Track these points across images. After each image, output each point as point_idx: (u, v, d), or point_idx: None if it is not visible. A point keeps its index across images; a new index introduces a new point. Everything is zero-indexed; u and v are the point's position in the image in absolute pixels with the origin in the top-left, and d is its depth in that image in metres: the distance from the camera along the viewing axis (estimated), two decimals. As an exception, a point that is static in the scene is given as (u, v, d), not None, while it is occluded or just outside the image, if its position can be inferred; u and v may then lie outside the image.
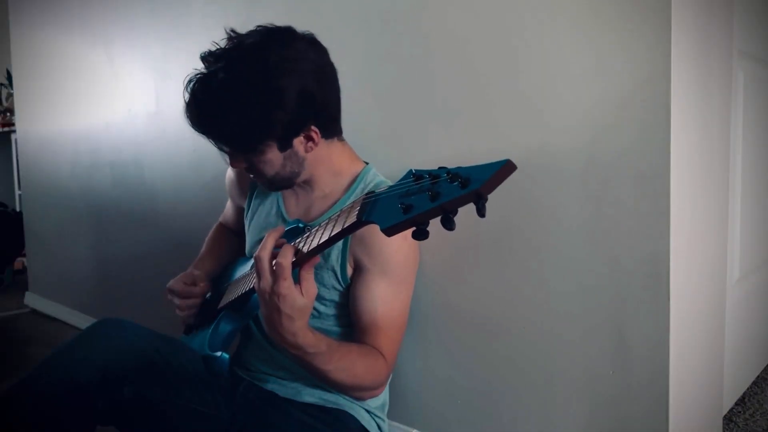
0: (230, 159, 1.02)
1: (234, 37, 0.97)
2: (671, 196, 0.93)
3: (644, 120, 0.94)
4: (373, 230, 0.64)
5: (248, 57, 0.93)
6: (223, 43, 0.97)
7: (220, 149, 1.00)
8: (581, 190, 1.02)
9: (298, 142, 0.99)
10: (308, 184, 1.08)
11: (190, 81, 0.95)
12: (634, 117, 0.95)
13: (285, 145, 0.98)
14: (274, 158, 0.99)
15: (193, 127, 0.97)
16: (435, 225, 0.60)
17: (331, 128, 1.04)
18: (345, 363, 0.91)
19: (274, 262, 0.78)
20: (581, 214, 1.02)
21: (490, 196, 0.56)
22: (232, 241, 1.30)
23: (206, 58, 0.96)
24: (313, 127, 0.98)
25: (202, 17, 1.72)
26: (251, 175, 1.06)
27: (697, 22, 1.01)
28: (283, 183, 1.06)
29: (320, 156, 1.04)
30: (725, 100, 1.18)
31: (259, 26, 0.98)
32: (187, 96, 0.95)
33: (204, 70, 0.95)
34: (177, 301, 1.13)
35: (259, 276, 0.80)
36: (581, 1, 0.99)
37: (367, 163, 1.11)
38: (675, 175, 0.93)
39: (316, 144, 1.00)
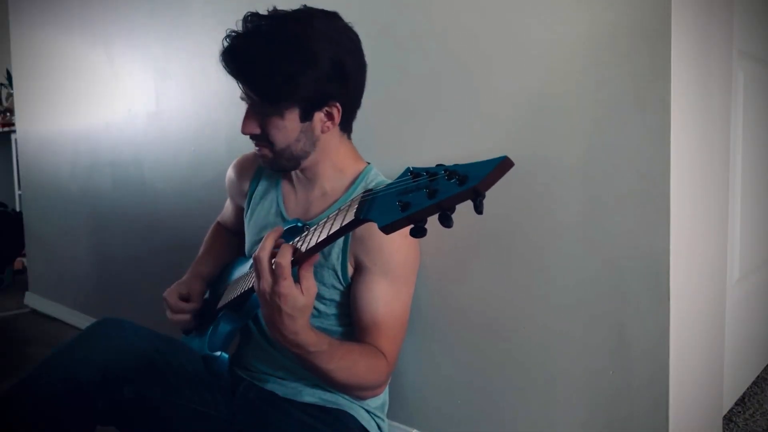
0: (245, 121, 1.01)
1: (278, 10, 0.99)
2: (671, 196, 0.93)
3: (644, 120, 0.94)
4: (373, 229, 0.64)
5: (294, 18, 0.96)
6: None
7: (247, 97, 1.00)
8: (581, 190, 1.02)
9: (318, 118, 1.00)
10: (309, 177, 1.08)
11: (232, 32, 0.97)
12: (634, 117, 0.95)
13: (306, 114, 0.99)
14: (291, 126, 0.99)
15: (226, 66, 0.97)
16: (435, 224, 0.60)
17: (348, 118, 1.05)
18: (346, 362, 0.91)
19: (273, 262, 0.78)
20: (581, 214, 1.02)
21: (491, 195, 0.56)
22: (230, 241, 1.30)
23: (250, 17, 0.98)
24: (336, 104, 1.00)
25: (202, 17, 1.72)
26: (257, 148, 1.04)
27: (697, 22, 1.01)
28: (288, 163, 1.05)
29: (330, 146, 1.05)
30: (725, 100, 1.18)
31: (305, 5, 1.01)
32: (227, 42, 0.97)
33: (249, 27, 0.97)
34: (168, 313, 1.14)
35: (259, 276, 0.80)
36: (581, 1, 0.99)
37: (368, 163, 1.11)
38: (675, 175, 0.93)
39: (334, 124, 1.02)
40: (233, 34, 0.97)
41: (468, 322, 1.18)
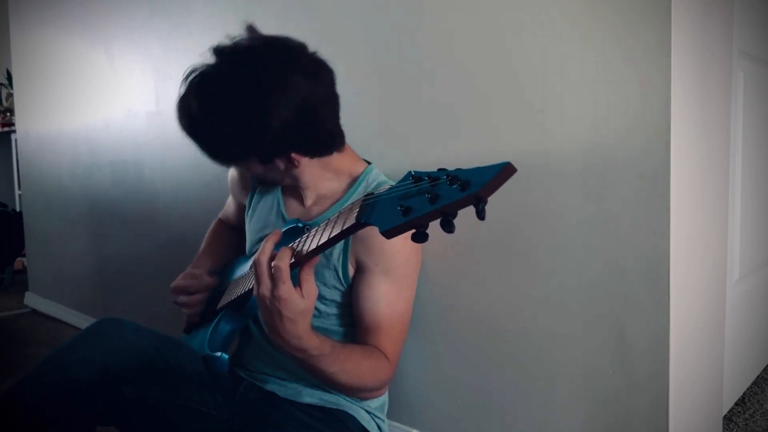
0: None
1: (243, 42, 0.95)
2: (671, 195, 0.93)
3: (644, 120, 0.94)
4: (375, 230, 0.64)
5: (244, 77, 0.91)
6: (235, 38, 0.96)
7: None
8: (581, 191, 1.02)
9: (279, 161, 1.00)
10: (304, 187, 1.08)
11: (187, 78, 0.96)
12: (634, 117, 0.95)
13: (265, 160, 0.99)
14: (254, 167, 1.02)
15: (179, 121, 0.97)
16: (435, 224, 0.60)
17: (322, 150, 1.01)
18: (349, 365, 0.91)
19: (272, 266, 0.77)
20: (582, 214, 1.02)
21: (491, 196, 0.56)
22: (231, 238, 1.30)
23: (215, 52, 0.95)
24: (293, 155, 0.98)
25: (202, 17, 1.72)
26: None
27: (697, 22, 1.01)
28: (272, 183, 1.12)
29: (311, 168, 1.04)
30: (725, 100, 1.18)
31: (271, 38, 0.96)
32: (183, 89, 0.96)
33: (203, 70, 0.95)
34: (185, 298, 1.13)
35: (258, 281, 0.79)
36: (581, 1, 0.99)
37: (369, 163, 1.11)
38: (675, 175, 0.93)
39: (296, 166, 1.00)
40: (189, 80, 0.94)
41: (468, 322, 1.18)
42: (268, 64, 0.92)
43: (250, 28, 0.98)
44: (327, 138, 1.00)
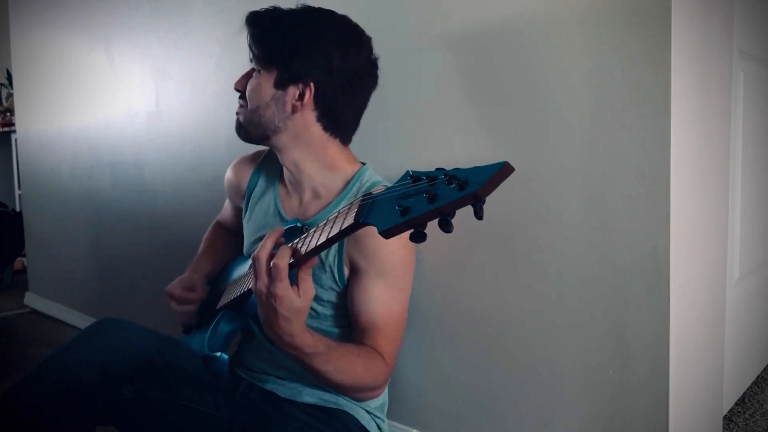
0: (239, 78, 1.08)
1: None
2: (671, 195, 0.93)
3: (644, 120, 0.94)
4: (368, 231, 0.64)
5: (316, 9, 1.05)
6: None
7: (252, 58, 1.06)
8: (581, 190, 1.02)
9: (291, 93, 1.01)
10: (296, 174, 1.08)
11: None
12: (634, 116, 0.95)
13: (281, 82, 1.02)
14: (265, 87, 1.03)
15: (247, 22, 1.05)
16: (433, 225, 0.60)
17: (332, 111, 1.04)
18: (344, 364, 0.91)
19: (271, 263, 0.78)
20: (581, 213, 1.02)
21: (491, 195, 0.56)
22: (229, 240, 1.30)
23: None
24: (311, 84, 1.01)
25: (202, 17, 1.72)
26: (239, 103, 1.08)
27: (697, 22, 1.01)
28: (255, 131, 1.06)
29: (305, 135, 1.04)
30: (725, 100, 1.18)
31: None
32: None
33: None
34: (174, 306, 1.13)
35: (256, 276, 0.80)
36: (582, 1, 0.99)
37: (364, 164, 1.11)
38: (675, 175, 0.93)
39: (303, 105, 1.02)
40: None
41: (468, 321, 1.18)
42: (344, 19, 1.06)
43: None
44: (344, 105, 1.05)
